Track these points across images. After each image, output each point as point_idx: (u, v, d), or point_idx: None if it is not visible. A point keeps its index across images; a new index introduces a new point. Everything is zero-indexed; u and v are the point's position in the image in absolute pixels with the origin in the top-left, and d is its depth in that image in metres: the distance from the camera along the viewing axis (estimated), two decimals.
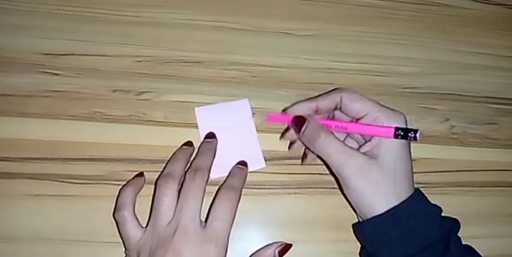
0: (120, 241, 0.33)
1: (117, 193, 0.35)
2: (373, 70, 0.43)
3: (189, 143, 0.37)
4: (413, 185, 0.32)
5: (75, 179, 0.36)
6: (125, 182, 0.35)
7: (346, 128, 0.33)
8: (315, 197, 0.38)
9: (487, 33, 0.46)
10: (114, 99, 0.38)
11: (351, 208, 0.35)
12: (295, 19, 0.43)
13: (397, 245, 0.31)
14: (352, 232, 0.36)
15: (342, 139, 0.37)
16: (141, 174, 0.36)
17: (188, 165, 0.35)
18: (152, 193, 0.34)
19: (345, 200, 0.35)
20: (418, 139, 0.30)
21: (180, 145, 0.37)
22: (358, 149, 0.33)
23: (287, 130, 0.37)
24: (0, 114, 0.37)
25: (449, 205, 0.33)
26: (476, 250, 0.33)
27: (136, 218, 0.33)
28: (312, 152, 0.34)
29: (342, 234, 0.37)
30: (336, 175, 0.33)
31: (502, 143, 0.43)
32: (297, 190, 0.38)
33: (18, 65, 0.38)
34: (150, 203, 0.34)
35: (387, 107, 0.33)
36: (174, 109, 0.39)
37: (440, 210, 0.33)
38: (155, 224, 0.32)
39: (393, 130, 0.30)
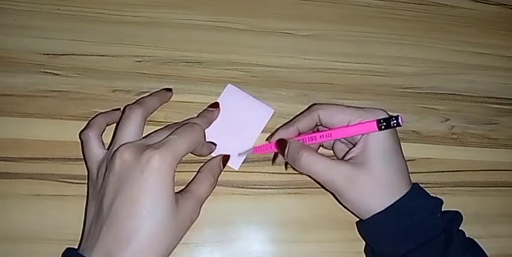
0: None
1: None
2: (373, 70, 0.43)
3: (169, 89, 0.38)
4: (409, 181, 0.32)
5: (75, 179, 0.36)
6: None
7: (331, 135, 0.33)
8: (315, 197, 0.38)
9: (487, 33, 0.46)
10: (114, 99, 0.38)
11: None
12: (295, 19, 0.43)
13: (399, 241, 0.31)
14: (352, 231, 0.36)
15: (332, 144, 0.37)
16: (118, 109, 0.37)
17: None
18: None
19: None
20: (402, 124, 0.30)
21: None
22: (344, 156, 0.33)
23: (277, 155, 0.37)
24: (0, 114, 0.37)
25: (449, 205, 0.33)
26: (478, 243, 0.33)
27: (102, 141, 0.33)
28: (300, 172, 0.34)
29: (342, 234, 0.37)
30: (328, 189, 0.33)
31: (502, 143, 0.43)
32: (296, 190, 0.38)
33: (18, 65, 0.38)
34: None
35: (365, 108, 0.33)
36: (175, 109, 0.39)
37: (441, 202, 0.33)
38: (113, 144, 0.32)
39: (375, 123, 0.30)
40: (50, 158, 0.36)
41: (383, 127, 0.30)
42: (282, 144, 0.34)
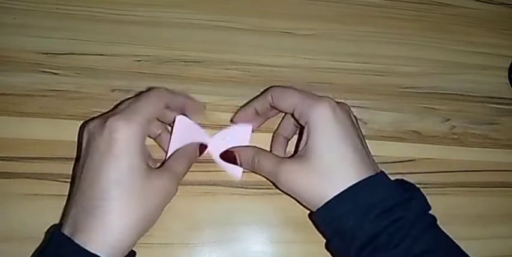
0: None
1: None
2: (373, 70, 0.43)
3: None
4: (364, 169, 0.30)
5: (74, 178, 0.36)
6: None
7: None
8: None
9: (488, 33, 0.46)
10: (113, 98, 0.38)
11: None
12: (295, 19, 0.43)
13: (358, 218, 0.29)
14: None
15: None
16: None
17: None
18: None
19: None
20: None
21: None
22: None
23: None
24: None
25: (450, 205, 0.33)
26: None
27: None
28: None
29: None
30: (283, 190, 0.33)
31: (503, 143, 0.43)
32: None
33: (17, 65, 0.38)
34: None
35: (313, 96, 0.32)
36: None
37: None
38: None
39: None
40: (48, 157, 0.36)
41: None
42: (230, 156, 0.35)
